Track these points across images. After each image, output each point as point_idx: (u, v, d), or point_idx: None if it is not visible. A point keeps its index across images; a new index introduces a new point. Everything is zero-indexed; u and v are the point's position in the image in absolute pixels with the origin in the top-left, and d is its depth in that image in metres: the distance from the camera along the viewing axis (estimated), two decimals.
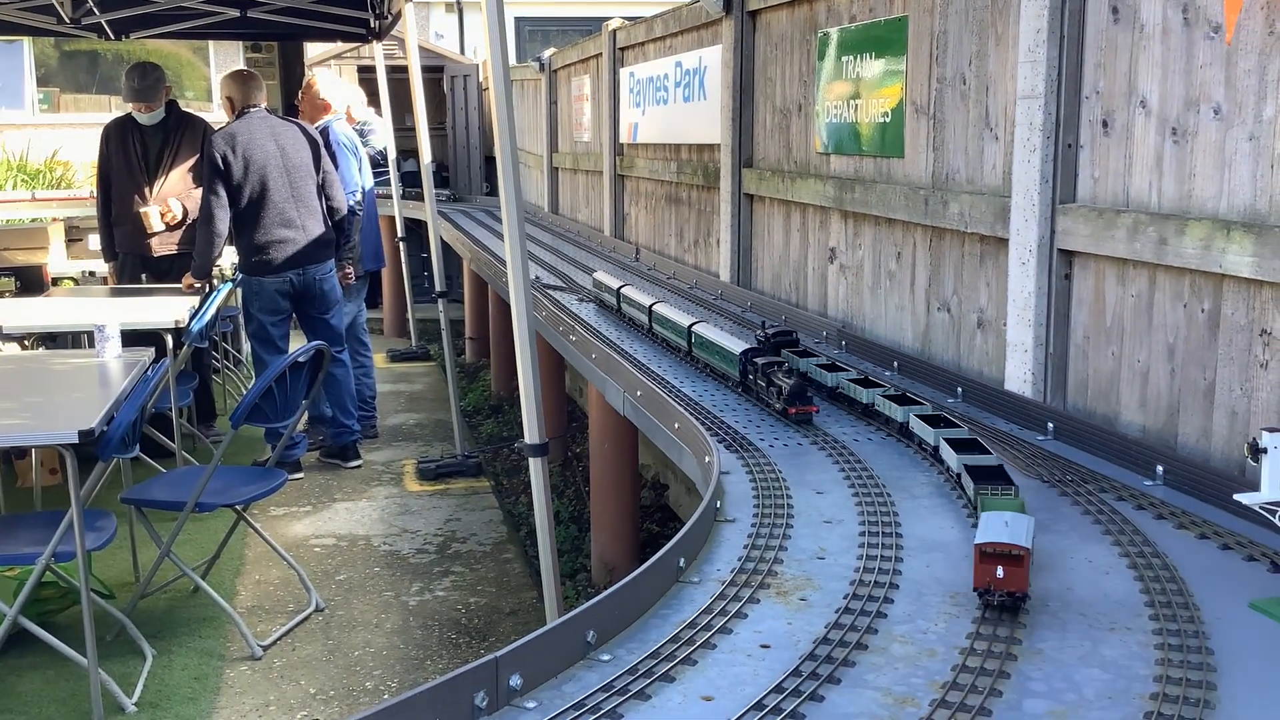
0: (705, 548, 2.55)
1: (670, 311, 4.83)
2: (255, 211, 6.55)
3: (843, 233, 5.20)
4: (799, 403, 3.58)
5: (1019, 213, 3.70)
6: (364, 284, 7.81)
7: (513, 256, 3.84)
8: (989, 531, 2.26)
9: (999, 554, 2.20)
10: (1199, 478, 2.88)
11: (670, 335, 4.72)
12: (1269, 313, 2.86)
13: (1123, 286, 3.38)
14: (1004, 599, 2.20)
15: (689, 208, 7.36)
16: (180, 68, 17.14)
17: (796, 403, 3.58)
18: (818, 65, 5.31)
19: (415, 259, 11.26)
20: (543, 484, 3.96)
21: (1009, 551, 2.20)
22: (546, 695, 1.88)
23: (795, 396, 3.60)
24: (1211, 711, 1.82)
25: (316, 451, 7.27)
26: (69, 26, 8.05)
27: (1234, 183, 2.94)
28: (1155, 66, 3.20)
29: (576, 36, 11.83)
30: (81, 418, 3.96)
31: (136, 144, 7.21)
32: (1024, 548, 2.19)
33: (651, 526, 5.85)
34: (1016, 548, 2.20)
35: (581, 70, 10.06)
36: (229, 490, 4.83)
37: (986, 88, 4.01)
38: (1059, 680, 1.94)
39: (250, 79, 6.89)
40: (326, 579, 5.41)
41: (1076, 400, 3.63)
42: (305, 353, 4.99)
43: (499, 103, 3.76)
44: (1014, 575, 2.19)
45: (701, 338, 4.36)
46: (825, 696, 1.88)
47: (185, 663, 4.52)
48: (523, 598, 5.22)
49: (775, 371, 3.78)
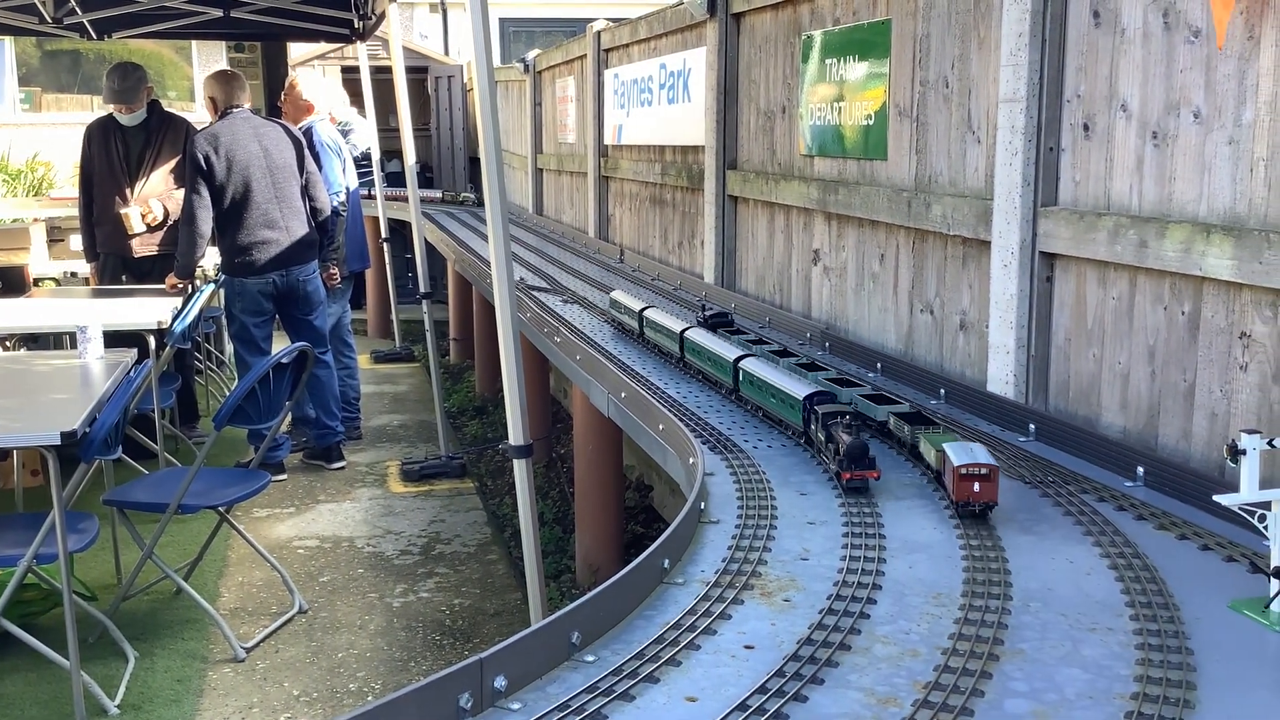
0: (689, 549, 2.56)
1: (708, 340, 4.20)
2: (238, 212, 6.53)
3: (826, 235, 5.22)
4: (855, 466, 2.91)
5: (1001, 215, 3.72)
6: (349, 285, 7.80)
7: (497, 258, 3.84)
8: (960, 457, 2.73)
9: (974, 474, 2.71)
10: (1179, 479, 2.90)
11: (710, 369, 4.12)
12: (1248, 315, 2.88)
13: (1104, 289, 3.41)
14: (981, 508, 2.70)
15: (673, 209, 7.37)
16: (163, 68, 17.06)
17: (852, 466, 2.91)
18: (801, 68, 5.32)
19: (400, 260, 11.25)
20: (527, 485, 3.96)
21: (981, 470, 2.70)
22: (531, 696, 1.89)
23: (852, 459, 2.91)
24: (1191, 711, 1.84)
25: (300, 453, 7.25)
26: (51, 26, 8.01)
27: (1214, 186, 2.97)
28: (1136, 70, 3.22)
29: (561, 38, 11.83)
30: (63, 419, 3.94)
31: (118, 144, 7.18)
32: (994, 465, 2.71)
33: (636, 528, 5.85)
34: (988, 466, 2.71)
35: (566, 72, 10.06)
36: (212, 492, 4.82)
37: (969, 91, 4.03)
38: (1040, 680, 1.96)
39: (233, 79, 6.87)
40: (310, 581, 5.40)
41: (1058, 402, 3.65)
42: (289, 354, 4.98)
43: (483, 104, 3.76)
44: (987, 489, 2.70)
45: (754, 376, 3.73)
46: (809, 697, 1.89)
47: (168, 665, 4.50)
48: (507, 599, 5.22)
49: (836, 424, 3.08)
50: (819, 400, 3.29)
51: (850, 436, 2.95)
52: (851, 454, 2.91)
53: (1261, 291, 2.82)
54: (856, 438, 2.94)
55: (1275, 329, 2.80)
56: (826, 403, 3.27)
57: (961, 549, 2.56)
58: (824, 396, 3.34)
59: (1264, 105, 2.79)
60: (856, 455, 2.91)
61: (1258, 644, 2.11)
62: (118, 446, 4.29)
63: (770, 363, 3.91)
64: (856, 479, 2.91)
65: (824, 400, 3.31)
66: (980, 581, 2.37)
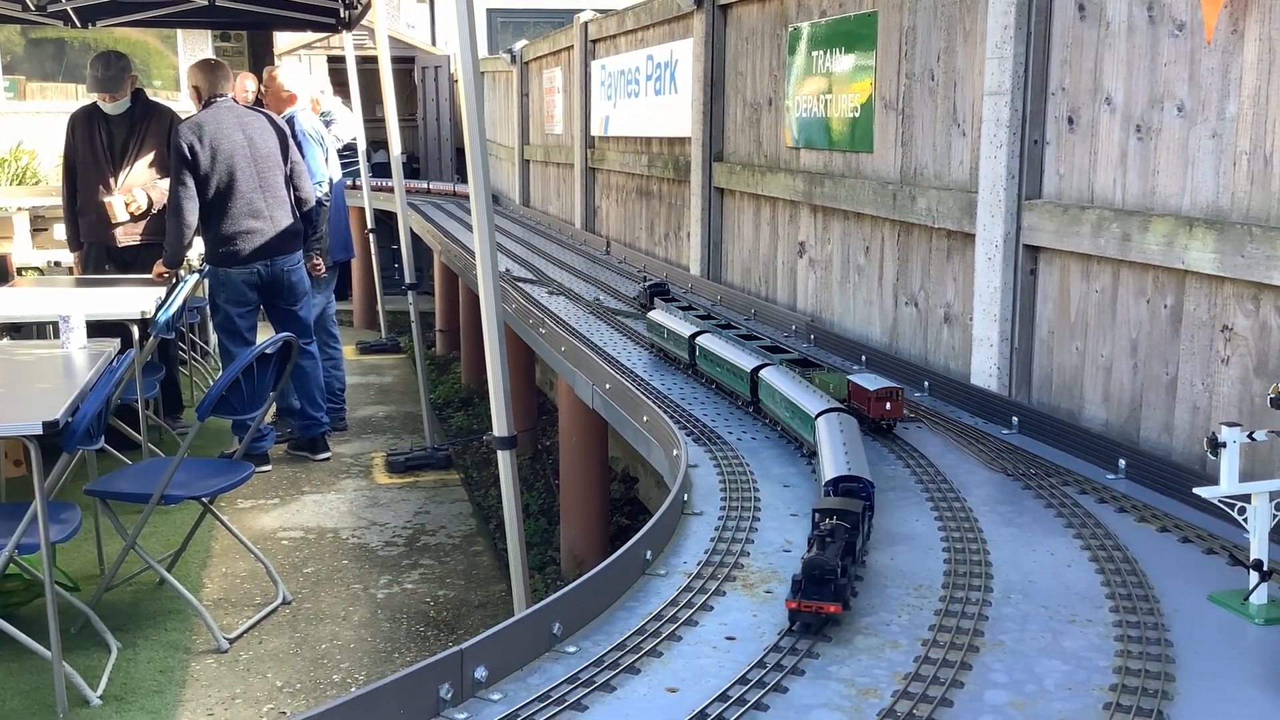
0: (672, 540, 2.56)
1: (788, 386, 3.35)
2: (223, 202, 6.50)
3: (812, 227, 5.22)
4: (802, 596, 2.03)
5: (985, 208, 3.73)
6: (333, 275, 7.78)
7: (481, 249, 3.83)
8: (871, 384, 3.40)
9: (884, 395, 3.36)
10: (1161, 471, 2.91)
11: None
12: (1230, 308, 2.89)
13: (1087, 282, 3.41)
14: (890, 424, 3.34)
15: (660, 201, 7.36)
16: (148, 56, 16.95)
17: (804, 592, 2.03)
18: (788, 60, 5.32)
19: (385, 251, 11.22)
20: (511, 476, 3.95)
21: (892, 392, 3.36)
22: (512, 687, 1.88)
23: (811, 580, 2.03)
24: (1169, 702, 1.85)
25: (284, 444, 7.24)
26: (34, 13, 7.97)
27: (1197, 179, 2.97)
28: (1120, 64, 3.23)
29: (549, 28, 11.80)
30: (46, 409, 3.93)
31: (102, 133, 7.15)
32: (899, 387, 3.42)
33: (621, 519, 5.86)
34: (897, 389, 3.39)
35: (553, 62, 10.04)
36: (195, 482, 4.80)
37: (954, 84, 4.03)
38: (1020, 671, 1.96)
39: (217, 68, 6.83)
40: (294, 572, 5.39)
41: (1041, 395, 3.66)
42: (273, 344, 4.96)
43: (468, 96, 3.75)
44: (897, 407, 3.35)
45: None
46: (789, 688, 1.89)
47: (150, 655, 4.49)
48: (491, 590, 5.22)
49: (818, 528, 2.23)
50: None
51: (816, 548, 2.07)
52: (811, 573, 2.00)
53: (1243, 285, 2.83)
54: (821, 549, 2.07)
55: (1257, 322, 2.81)
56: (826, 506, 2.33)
57: (943, 541, 2.57)
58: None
59: (1247, 99, 2.80)
60: (816, 576, 2.00)
61: (1237, 636, 2.12)
62: (100, 437, 4.27)
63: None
64: (807, 612, 2.00)
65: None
66: (961, 573, 2.38)
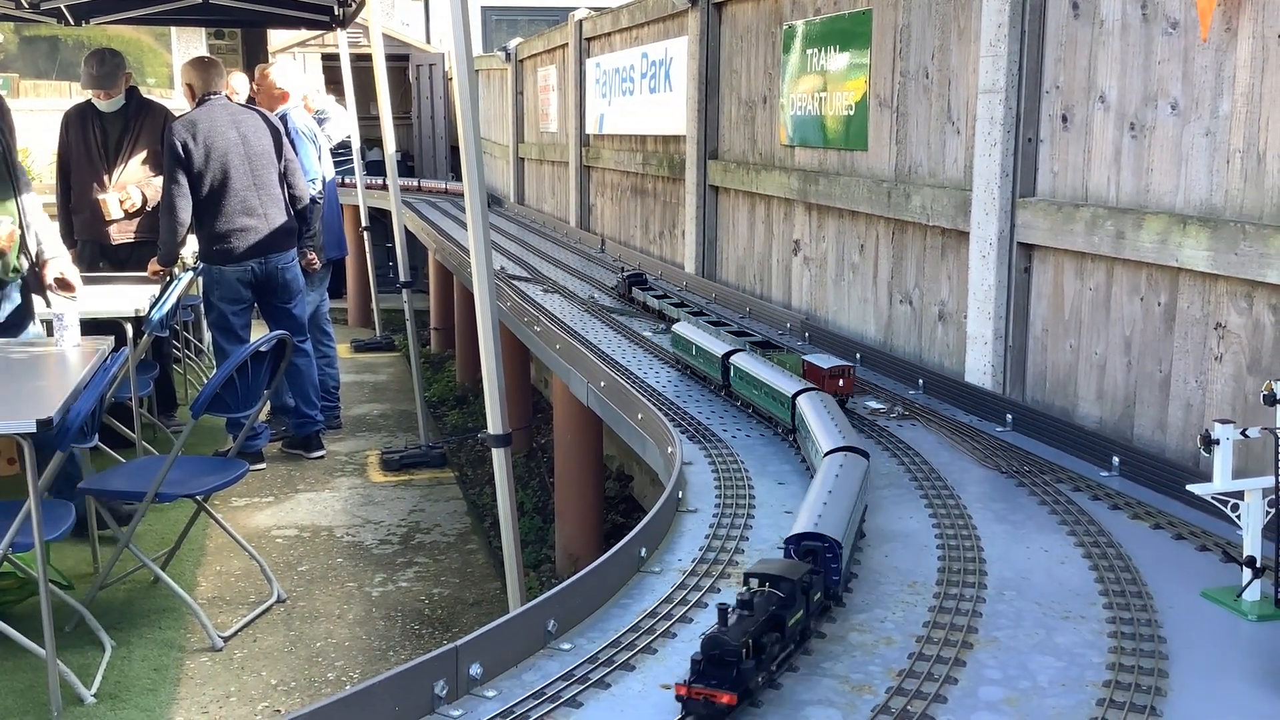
0: (667, 538, 2.56)
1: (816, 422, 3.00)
2: (217, 199, 6.49)
3: (807, 225, 5.22)
4: (694, 680, 1.72)
5: (980, 206, 3.73)
6: (326, 273, 7.77)
7: (476, 247, 3.82)
8: (824, 363, 3.62)
9: (837, 374, 3.58)
10: (1154, 469, 2.92)
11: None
12: (1223, 306, 2.90)
13: (1081, 280, 3.42)
14: (843, 399, 3.52)
15: (654, 199, 7.36)
16: (142, 54, 16.92)
17: (692, 680, 1.72)
18: (783, 58, 5.32)
19: (380, 249, 11.20)
20: (506, 474, 3.95)
21: (844, 370, 3.60)
22: (507, 684, 1.89)
23: (702, 668, 1.72)
24: (1162, 698, 1.85)
25: (279, 442, 7.23)
26: (28, 11, 7.93)
27: (1190, 177, 2.98)
28: (1114, 62, 3.23)
29: (543, 26, 11.79)
30: (40, 407, 3.91)
31: (96, 131, 7.13)
32: (851, 366, 3.66)
33: (616, 517, 5.86)
34: (849, 367, 3.64)
35: (548, 60, 10.03)
36: (189, 480, 4.79)
37: (949, 82, 4.04)
38: (1014, 668, 1.97)
39: (211, 66, 6.82)
40: (288, 570, 5.38)
41: (1035, 392, 3.66)
42: (267, 342, 4.95)
43: (463, 94, 3.74)
44: (848, 383, 3.61)
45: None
46: (783, 684, 1.89)
47: (145, 654, 4.48)
48: (486, 588, 5.22)
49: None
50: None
51: (722, 622, 1.75)
52: (710, 653, 1.71)
53: (1237, 283, 2.84)
54: (724, 624, 1.75)
55: (1250, 320, 2.82)
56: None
57: (937, 538, 2.58)
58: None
59: (1241, 97, 2.81)
60: (715, 658, 1.71)
61: (1229, 632, 2.13)
62: (94, 435, 4.26)
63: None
64: (696, 701, 1.71)
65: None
66: (955, 570, 2.39)
